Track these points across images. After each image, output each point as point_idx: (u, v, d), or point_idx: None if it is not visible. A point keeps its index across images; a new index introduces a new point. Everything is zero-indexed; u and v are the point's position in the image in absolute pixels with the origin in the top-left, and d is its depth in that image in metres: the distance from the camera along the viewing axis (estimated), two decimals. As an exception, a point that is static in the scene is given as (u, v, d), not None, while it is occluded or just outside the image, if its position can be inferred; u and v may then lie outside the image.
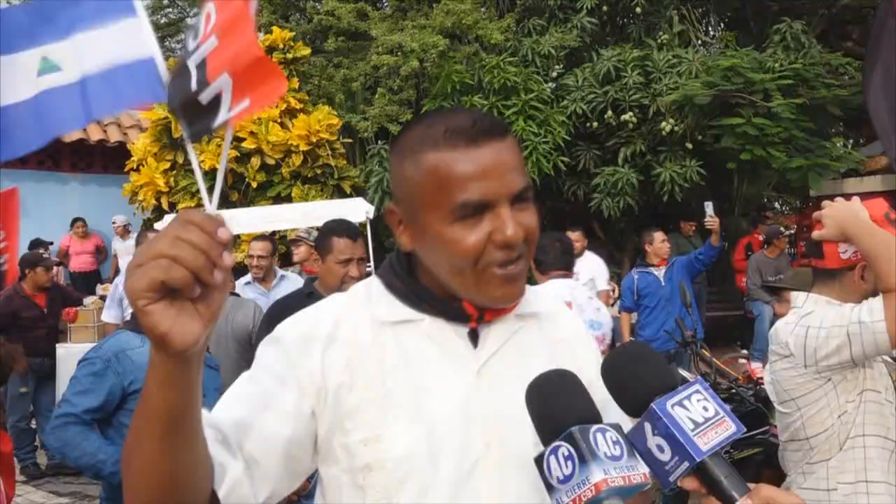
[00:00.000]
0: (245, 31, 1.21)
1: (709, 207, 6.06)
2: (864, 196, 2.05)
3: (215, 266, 0.74)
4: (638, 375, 0.89)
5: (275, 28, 8.98)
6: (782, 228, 8.28)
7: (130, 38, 1.45)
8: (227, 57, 1.20)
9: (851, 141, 11.15)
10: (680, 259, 6.26)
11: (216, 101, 1.23)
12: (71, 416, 2.43)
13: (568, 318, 1.24)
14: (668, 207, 9.10)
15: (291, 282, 5.00)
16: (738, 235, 9.40)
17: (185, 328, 0.73)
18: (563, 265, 3.53)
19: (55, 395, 5.87)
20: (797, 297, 2.14)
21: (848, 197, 1.97)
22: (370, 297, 1.12)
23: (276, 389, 1.03)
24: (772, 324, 8.16)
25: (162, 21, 14.25)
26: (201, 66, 1.24)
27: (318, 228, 3.70)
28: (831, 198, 2.02)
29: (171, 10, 14.22)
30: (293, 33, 9.03)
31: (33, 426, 5.95)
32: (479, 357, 1.07)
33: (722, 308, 9.34)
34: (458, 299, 1.07)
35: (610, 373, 0.93)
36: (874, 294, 1.94)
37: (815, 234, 2.03)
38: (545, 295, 1.22)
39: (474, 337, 1.09)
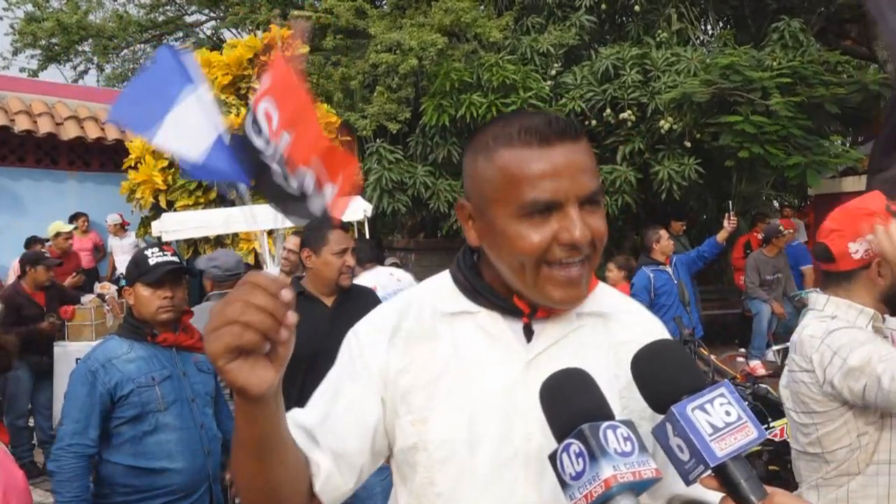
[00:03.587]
0: (312, 122, 1.21)
1: (730, 207, 6.40)
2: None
3: (280, 325, 0.82)
4: (660, 375, 0.90)
5: (273, 26, 8.96)
6: (781, 227, 8.26)
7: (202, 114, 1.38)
8: (303, 150, 1.21)
9: (850, 139, 11.15)
10: (679, 257, 6.24)
11: (303, 192, 1.25)
12: (77, 445, 2.43)
13: (638, 318, 1.20)
14: (666, 206, 9.09)
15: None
16: (736, 233, 9.40)
17: (259, 378, 0.83)
18: (374, 258, 4.75)
19: (52, 393, 5.87)
20: (817, 300, 2.05)
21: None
22: (437, 288, 1.18)
23: (353, 384, 1.12)
24: (770, 322, 8.15)
25: (160, 19, 14.23)
26: (281, 162, 1.25)
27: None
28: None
29: (168, 7, 14.18)
30: (291, 31, 9.01)
31: (31, 424, 5.95)
32: (531, 351, 1.09)
33: (720, 306, 9.34)
34: (512, 295, 1.10)
35: (635, 370, 0.94)
36: (891, 292, 1.88)
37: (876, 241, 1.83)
38: (614, 294, 1.22)
39: (529, 332, 1.11)
